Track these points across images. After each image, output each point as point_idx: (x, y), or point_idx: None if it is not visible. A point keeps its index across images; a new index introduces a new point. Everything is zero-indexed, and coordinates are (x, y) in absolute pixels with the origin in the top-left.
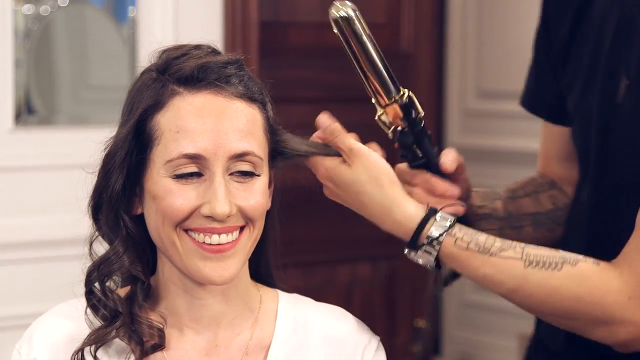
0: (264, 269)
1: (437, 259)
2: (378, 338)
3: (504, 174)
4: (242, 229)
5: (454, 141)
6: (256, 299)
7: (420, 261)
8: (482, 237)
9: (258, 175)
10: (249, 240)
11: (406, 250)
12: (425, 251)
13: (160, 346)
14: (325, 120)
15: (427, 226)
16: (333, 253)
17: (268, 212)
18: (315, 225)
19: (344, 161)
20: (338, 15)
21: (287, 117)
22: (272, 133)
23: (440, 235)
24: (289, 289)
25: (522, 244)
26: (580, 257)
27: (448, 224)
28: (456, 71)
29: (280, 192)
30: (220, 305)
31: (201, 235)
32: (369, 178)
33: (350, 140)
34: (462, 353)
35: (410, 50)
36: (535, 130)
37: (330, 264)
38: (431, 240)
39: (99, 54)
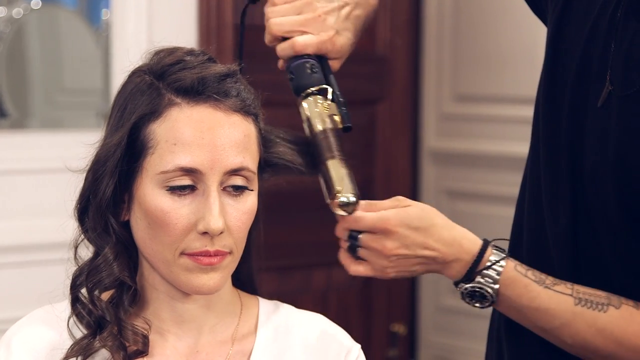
0: (246, 275)
1: (488, 295)
2: (359, 345)
3: (480, 178)
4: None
5: (431, 145)
6: (237, 306)
7: (478, 287)
8: (535, 270)
9: (251, 190)
10: (232, 261)
11: (460, 284)
12: (486, 276)
13: (142, 352)
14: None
15: (488, 250)
16: (308, 257)
17: (253, 221)
18: (290, 230)
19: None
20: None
21: (268, 120)
22: (264, 145)
23: (503, 258)
24: (268, 295)
25: (569, 282)
26: (623, 298)
27: (502, 252)
28: (432, 75)
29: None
30: (202, 310)
31: (197, 257)
32: (432, 210)
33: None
34: (438, 357)
35: (385, 54)
36: (513, 133)
37: (305, 268)
38: (494, 262)
39: (72, 57)
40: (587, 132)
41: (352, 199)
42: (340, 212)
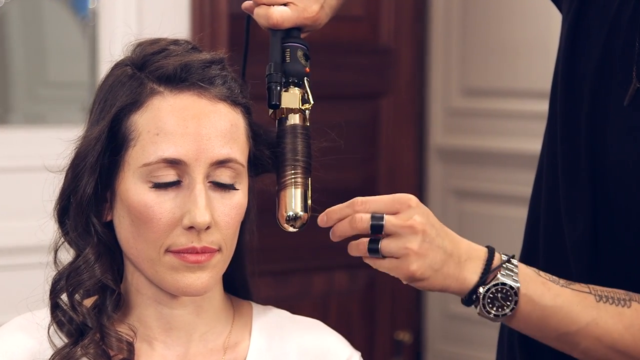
0: (240, 280)
1: (511, 293)
2: (359, 353)
3: (490, 177)
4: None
5: (437, 142)
6: (230, 312)
7: (500, 285)
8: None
9: (239, 186)
10: (221, 260)
11: (478, 290)
12: (507, 269)
13: None
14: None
15: (494, 251)
16: (308, 261)
17: (244, 221)
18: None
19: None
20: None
21: (256, 114)
22: (254, 139)
23: (512, 256)
24: (262, 300)
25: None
26: None
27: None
28: (439, 67)
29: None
30: (192, 317)
31: (183, 254)
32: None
33: (380, 197)
34: None
35: (390, 45)
36: (525, 129)
37: (305, 272)
38: (507, 260)
39: (56, 49)
40: (609, 132)
41: (300, 212)
42: (289, 229)
